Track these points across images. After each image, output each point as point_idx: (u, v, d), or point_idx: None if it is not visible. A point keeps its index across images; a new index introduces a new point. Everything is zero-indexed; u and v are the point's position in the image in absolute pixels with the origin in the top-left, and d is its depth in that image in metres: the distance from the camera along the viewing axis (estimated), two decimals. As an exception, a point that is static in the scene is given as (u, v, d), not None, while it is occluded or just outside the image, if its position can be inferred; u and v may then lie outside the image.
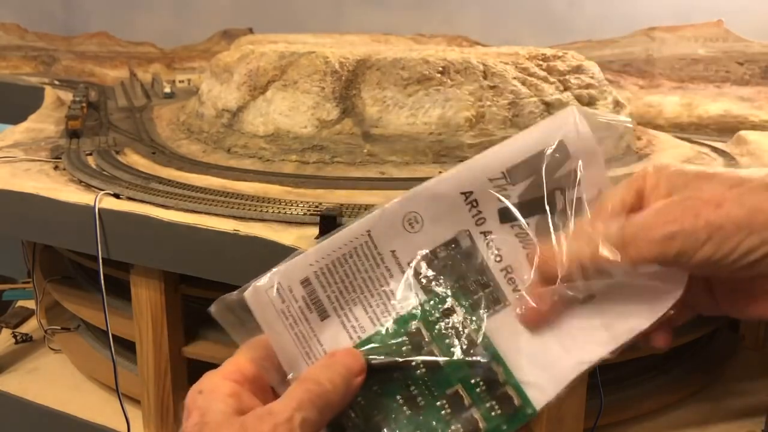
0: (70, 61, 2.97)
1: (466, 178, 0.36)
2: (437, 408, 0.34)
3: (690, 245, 0.32)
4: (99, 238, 0.88)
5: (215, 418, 0.32)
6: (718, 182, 0.33)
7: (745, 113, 1.87)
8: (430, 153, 1.09)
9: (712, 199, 0.32)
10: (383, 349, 0.35)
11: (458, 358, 0.35)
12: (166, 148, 1.27)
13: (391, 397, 0.35)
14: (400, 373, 0.35)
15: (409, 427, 0.34)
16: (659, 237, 0.32)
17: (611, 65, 2.28)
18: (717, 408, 1.00)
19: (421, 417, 0.34)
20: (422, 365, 0.35)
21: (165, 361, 0.95)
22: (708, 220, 0.32)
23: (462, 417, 0.34)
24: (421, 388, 0.35)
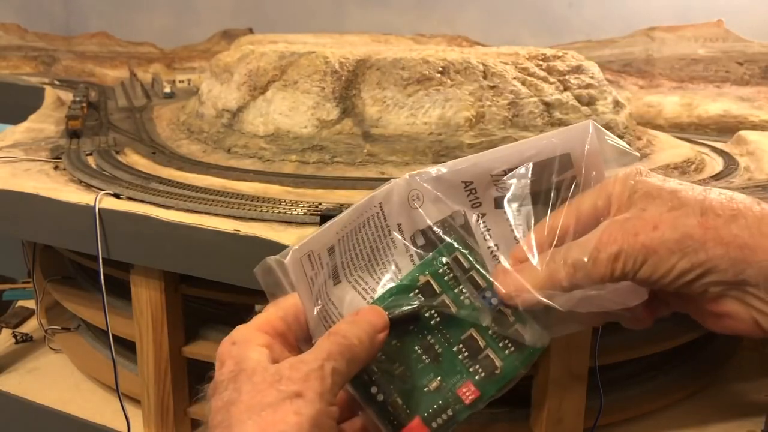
0: (70, 61, 2.97)
1: (470, 171, 0.39)
2: (455, 353, 0.37)
3: (630, 266, 0.34)
4: (99, 238, 0.88)
5: (251, 365, 0.33)
6: (661, 203, 0.35)
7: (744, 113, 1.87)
8: (430, 153, 1.09)
9: (650, 221, 0.34)
10: (398, 304, 0.37)
11: (469, 303, 0.37)
12: (166, 148, 1.27)
13: (410, 349, 0.37)
14: (416, 325, 0.37)
15: (430, 374, 0.36)
16: (605, 257, 0.34)
17: (611, 65, 2.28)
18: (717, 408, 1.00)
19: (441, 364, 0.37)
20: (436, 315, 0.37)
21: (165, 361, 0.95)
22: (644, 243, 0.34)
23: (479, 359, 0.36)
24: (437, 336, 0.37)
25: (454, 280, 0.38)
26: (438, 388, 0.36)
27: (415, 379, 0.36)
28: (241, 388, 0.32)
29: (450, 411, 0.36)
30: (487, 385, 0.36)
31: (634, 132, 1.31)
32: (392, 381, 0.36)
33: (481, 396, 0.36)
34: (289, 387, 0.31)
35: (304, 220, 0.84)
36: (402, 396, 0.36)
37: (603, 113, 1.24)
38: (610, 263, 0.34)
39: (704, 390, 1.03)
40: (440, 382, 0.36)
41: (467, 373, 0.36)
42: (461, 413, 0.36)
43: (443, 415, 0.36)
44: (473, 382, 0.36)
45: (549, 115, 1.17)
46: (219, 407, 0.32)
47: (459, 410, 0.36)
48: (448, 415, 0.36)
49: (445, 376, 0.36)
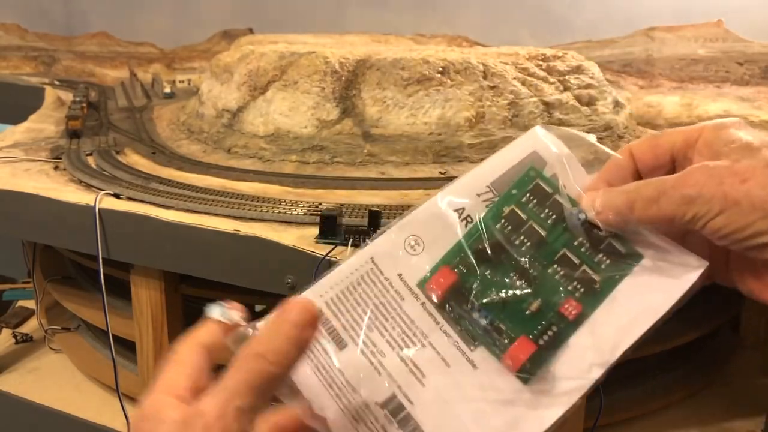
0: (70, 61, 2.97)
1: (457, 197, 0.38)
2: (550, 275, 0.37)
3: (704, 212, 0.33)
4: (99, 238, 0.88)
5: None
6: (758, 158, 0.33)
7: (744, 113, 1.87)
8: (430, 153, 1.09)
9: (740, 172, 0.32)
10: (486, 234, 0.37)
11: (557, 225, 0.37)
12: (166, 148, 1.27)
13: (505, 276, 0.37)
14: (506, 255, 0.37)
15: (529, 298, 0.36)
16: (678, 197, 0.33)
17: (611, 65, 2.28)
18: (717, 408, 1.00)
19: (538, 286, 0.37)
20: (526, 240, 0.37)
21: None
22: (727, 192, 0.32)
23: (576, 276, 0.36)
24: (531, 261, 0.37)
25: (539, 205, 0.38)
26: (539, 309, 0.36)
27: (515, 304, 0.37)
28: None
29: (555, 328, 0.36)
30: (588, 299, 0.36)
31: (634, 132, 1.31)
32: (493, 306, 0.36)
33: (583, 311, 0.36)
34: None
35: (304, 220, 0.84)
36: (505, 321, 0.36)
37: (603, 113, 1.24)
38: (684, 204, 0.33)
39: (704, 390, 1.03)
40: (540, 303, 0.36)
41: (566, 291, 0.36)
42: (567, 329, 0.36)
43: (548, 332, 0.36)
44: (574, 299, 0.36)
45: (549, 115, 1.17)
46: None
47: (564, 327, 0.36)
48: (554, 331, 0.36)
49: (545, 297, 0.36)
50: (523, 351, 0.36)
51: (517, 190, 0.38)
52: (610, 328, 0.36)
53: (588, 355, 0.36)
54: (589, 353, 0.36)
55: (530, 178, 0.38)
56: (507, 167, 0.38)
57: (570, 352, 0.36)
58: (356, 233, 0.75)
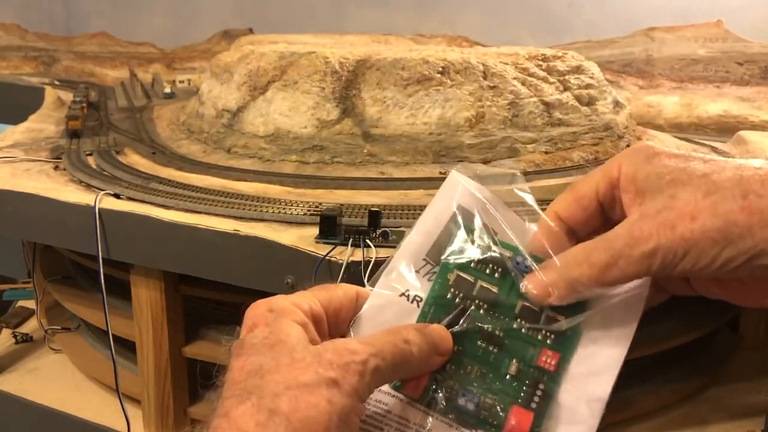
0: (70, 61, 2.97)
1: (398, 281, 0.37)
2: (517, 330, 0.36)
3: (669, 260, 0.32)
4: (99, 238, 0.88)
5: (291, 339, 0.32)
6: (693, 189, 0.32)
7: (744, 113, 1.87)
8: (430, 153, 1.09)
9: (686, 211, 0.32)
10: (442, 311, 0.36)
11: (506, 277, 0.36)
12: (166, 148, 1.27)
13: (474, 346, 0.36)
14: (468, 323, 0.36)
15: (504, 361, 0.36)
16: (638, 255, 0.32)
17: (611, 65, 2.28)
18: (717, 408, 1.00)
19: (509, 346, 0.36)
20: (481, 303, 0.36)
21: (165, 361, 0.95)
22: (683, 236, 0.32)
23: (541, 324, 0.36)
24: (493, 322, 0.36)
25: (480, 263, 0.37)
26: (518, 370, 0.35)
27: (493, 372, 0.36)
28: (279, 358, 0.31)
29: (541, 385, 0.35)
30: (562, 344, 0.36)
31: (634, 132, 1.31)
32: (473, 384, 0.35)
33: (562, 356, 0.35)
34: (328, 372, 0.30)
35: (304, 220, 0.84)
36: (490, 393, 0.35)
37: (603, 113, 1.25)
38: (645, 259, 0.32)
39: (704, 390, 1.03)
40: (517, 363, 0.35)
41: (537, 342, 0.36)
42: (552, 383, 0.35)
43: (537, 392, 0.35)
44: (548, 347, 0.35)
45: (549, 115, 1.17)
46: (251, 371, 0.31)
47: (548, 381, 0.35)
48: (541, 389, 0.35)
49: (520, 355, 0.36)
50: (522, 422, 0.35)
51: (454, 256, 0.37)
52: (588, 374, 0.35)
53: (582, 409, 0.35)
54: (582, 407, 0.35)
55: (463, 242, 0.37)
56: (437, 233, 0.37)
57: (563, 411, 0.35)
58: (356, 233, 0.75)
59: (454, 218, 0.37)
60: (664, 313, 0.99)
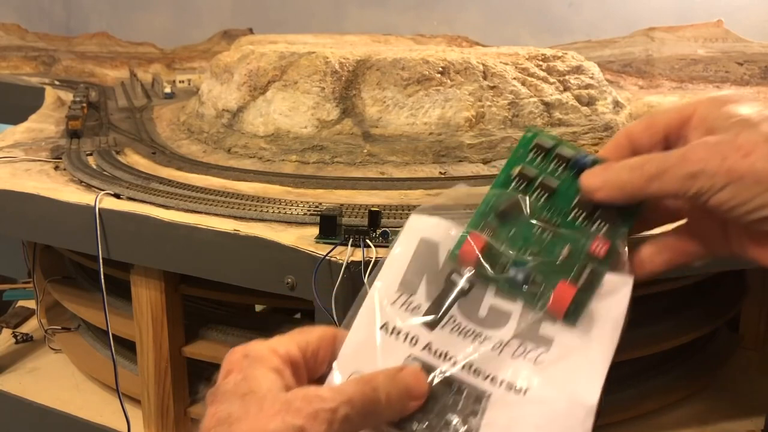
0: (70, 61, 2.97)
1: (375, 315, 0.37)
2: (572, 220, 0.38)
3: (708, 187, 0.33)
4: (99, 238, 0.88)
5: (262, 389, 0.32)
6: (757, 132, 0.33)
7: (744, 113, 1.87)
8: (430, 153, 1.09)
9: (742, 147, 0.32)
10: (502, 197, 0.39)
11: (567, 174, 0.39)
12: (166, 149, 1.27)
13: (529, 232, 0.38)
14: (526, 210, 0.38)
15: (556, 246, 0.37)
16: (682, 174, 0.33)
17: (611, 65, 2.28)
18: (717, 408, 1.00)
19: (563, 233, 0.38)
20: (541, 194, 0.39)
21: (165, 360, 0.95)
22: (731, 167, 0.32)
23: (596, 216, 0.38)
24: (550, 212, 0.38)
25: (545, 159, 0.39)
26: (569, 254, 0.37)
27: (546, 254, 0.37)
28: (249, 407, 0.31)
29: (589, 268, 0.37)
30: (613, 234, 0.37)
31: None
32: (525, 263, 0.37)
33: (612, 245, 0.37)
34: (296, 420, 0.30)
35: (304, 220, 0.84)
36: (540, 272, 0.37)
37: (603, 113, 1.25)
38: (687, 180, 0.33)
39: (704, 390, 1.03)
40: (569, 248, 0.37)
41: (590, 232, 0.38)
42: (601, 267, 0.37)
43: (584, 272, 0.36)
44: (601, 236, 0.37)
45: (549, 115, 1.17)
46: (221, 418, 0.31)
47: (597, 265, 0.37)
48: (589, 271, 0.36)
49: (572, 241, 0.37)
50: (565, 295, 0.36)
51: (522, 149, 0.40)
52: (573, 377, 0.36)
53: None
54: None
55: (530, 137, 0.40)
56: (405, 266, 0.38)
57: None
58: (356, 233, 0.75)
59: (419, 250, 0.38)
60: (664, 313, 0.99)
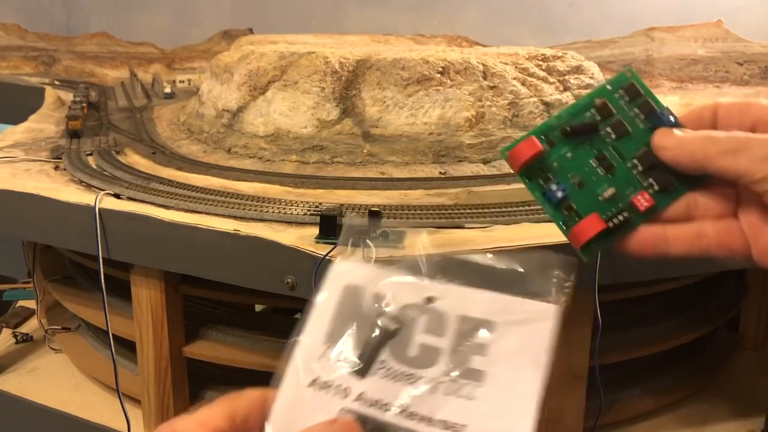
0: (70, 61, 2.97)
1: (301, 375, 0.35)
2: (629, 168, 0.38)
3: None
4: (99, 238, 0.88)
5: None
6: None
7: (744, 113, 1.87)
8: (430, 153, 1.09)
9: None
10: (575, 118, 0.39)
11: (644, 125, 0.39)
12: (166, 149, 1.27)
13: (585, 161, 0.38)
14: (590, 141, 0.39)
15: (605, 185, 0.38)
16: (761, 155, 0.33)
17: (611, 65, 2.28)
18: (717, 408, 1.00)
19: (616, 176, 0.38)
20: (611, 132, 0.39)
21: (165, 360, 0.95)
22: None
23: (653, 173, 0.38)
24: (612, 152, 0.39)
25: (630, 103, 0.39)
26: (613, 196, 0.38)
27: (590, 188, 0.38)
28: None
29: (625, 214, 0.37)
30: (661, 197, 0.37)
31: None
32: (568, 187, 0.38)
33: (655, 206, 0.37)
34: None
35: (304, 220, 0.84)
36: (577, 201, 0.38)
37: (603, 113, 1.25)
38: (760, 162, 0.33)
39: (704, 390, 1.03)
40: (615, 191, 0.38)
41: (642, 185, 0.38)
42: (636, 219, 0.37)
43: (619, 216, 0.37)
44: (648, 193, 0.37)
45: (549, 115, 1.17)
46: None
47: (634, 216, 0.37)
48: (624, 216, 0.37)
49: (620, 186, 0.38)
50: (592, 226, 0.36)
51: (612, 86, 0.40)
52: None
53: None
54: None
55: (625, 78, 0.40)
56: (330, 316, 0.36)
57: None
58: (356, 233, 0.75)
59: (343, 299, 0.37)
60: (664, 313, 0.99)
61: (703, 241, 0.38)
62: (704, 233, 0.38)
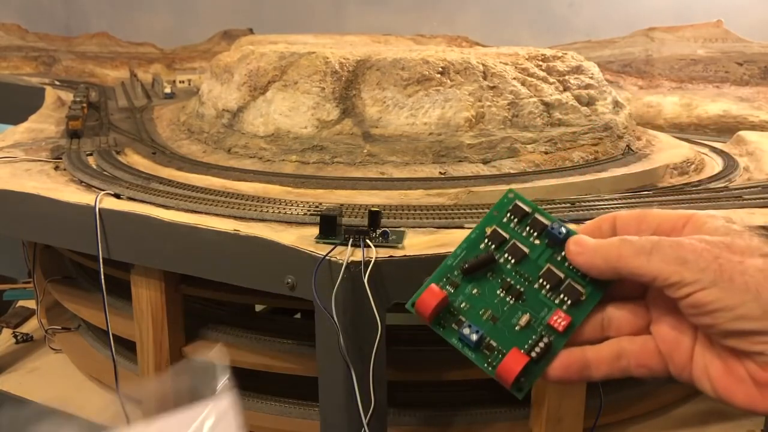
0: (70, 61, 2.97)
1: None
2: (537, 289, 0.38)
3: (693, 280, 0.32)
4: (99, 238, 0.88)
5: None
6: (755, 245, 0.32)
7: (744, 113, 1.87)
8: (430, 153, 1.09)
9: (738, 251, 0.32)
10: (471, 254, 0.39)
11: (539, 242, 0.38)
12: (166, 149, 1.27)
13: (493, 294, 0.38)
14: (492, 271, 0.38)
15: (518, 313, 0.38)
16: (673, 256, 0.33)
17: (611, 65, 2.28)
18: (717, 408, 1.00)
19: (526, 301, 0.38)
20: (510, 258, 0.38)
21: (165, 360, 0.95)
22: (723, 266, 0.31)
23: (562, 289, 0.37)
24: (516, 277, 0.38)
25: (519, 224, 0.39)
26: (528, 323, 0.37)
27: (505, 319, 0.37)
28: None
29: (545, 339, 0.37)
30: (576, 311, 0.37)
31: (634, 132, 1.31)
32: (482, 326, 0.37)
33: (572, 322, 0.37)
34: None
35: (304, 220, 0.84)
36: (495, 338, 0.37)
37: (602, 113, 1.25)
38: (676, 264, 0.32)
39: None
40: (529, 317, 0.37)
41: (554, 304, 0.37)
42: (557, 342, 0.37)
43: (540, 344, 0.36)
44: (562, 310, 0.37)
45: (549, 115, 1.17)
46: None
47: (554, 338, 0.37)
48: (545, 343, 0.36)
49: (534, 310, 0.37)
50: (516, 362, 0.36)
51: (498, 211, 0.39)
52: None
53: None
54: None
55: (509, 200, 0.39)
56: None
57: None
58: (356, 233, 0.75)
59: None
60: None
61: (622, 362, 0.38)
62: (623, 354, 0.38)
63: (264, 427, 0.94)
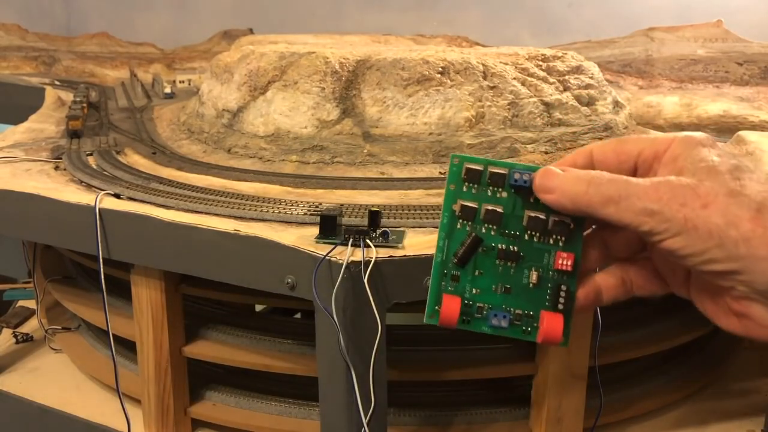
0: (70, 61, 2.97)
1: None
2: (528, 241, 0.38)
3: (661, 229, 0.33)
4: (99, 238, 0.88)
5: None
6: (720, 183, 0.33)
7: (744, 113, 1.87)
8: (430, 153, 1.09)
9: (702, 196, 0.33)
10: (455, 243, 0.38)
11: (506, 195, 0.38)
12: (166, 149, 1.27)
13: (493, 267, 0.38)
14: (483, 248, 0.38)
15: (524, 272, 0.38)
16: (639, 208, 0.33)
17: (611, 65, 2.28)
18: (717, 408, 1.00)
19: (525, 258, 0.38)
20: (490, 225, 0.38)
21: (165, 360, 0.95)
22: (687, 215, 0.33)
23: (549, 229, 0.37)
24: (504, 240, 0.38)
25: (479, 185, 0.38)
26: (539, 278, 0.37)
27: (516, 285, 0.37)
28: None
29: (563, 286, 0.37)
30: (572, 245, 0.37)
31: (634, 132, 1.31)
32: (503, 301, 0.37)
33: (576, 258, 0.37)
34: None
35: (304, 220, 0.84)
36: (518, 305, 0.37)
37: (603, 113, 1.25)
38: (642, 216, 0.33)
39: (704, 390, 1.03)
40: (536, 271, 0.37)
41: (550, 247, 0.37)
42: (571, 283, 0.37)
43: (560, 293, 0.37)
44: (561, 250, 0.37)
45: (549, 115, 1.18)
46: None
47: (568, 281, 0.37)
48: (564, 290, 0.37)
49: (536, 263, 0.37)
50: (555, 325, 0.36)
51: (454, 184, 0.38)
52: None
53: None
54: None
55: (457, 167, 0.38)
56: None
57: None
58: (356, 233, 0.75)
59: None
60: (664, 313, 0.99)
61: (627, 287, 0.39)
62: (626, 279, 0.39)
63: (264, 427, 0.94)
